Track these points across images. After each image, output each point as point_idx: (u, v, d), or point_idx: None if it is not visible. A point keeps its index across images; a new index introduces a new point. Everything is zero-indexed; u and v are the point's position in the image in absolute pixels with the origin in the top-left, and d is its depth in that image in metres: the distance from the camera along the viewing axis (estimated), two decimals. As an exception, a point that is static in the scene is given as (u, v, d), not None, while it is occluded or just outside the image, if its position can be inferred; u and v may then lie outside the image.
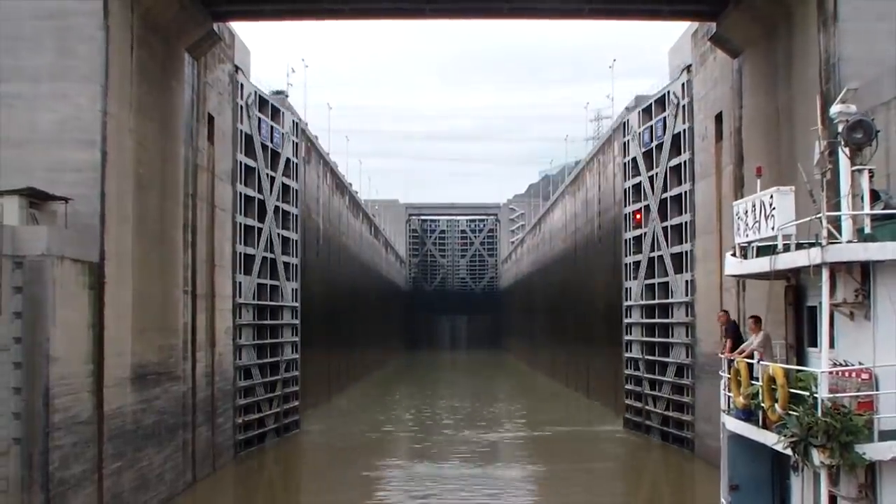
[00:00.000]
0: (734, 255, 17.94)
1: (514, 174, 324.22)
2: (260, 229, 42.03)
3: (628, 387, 48.54)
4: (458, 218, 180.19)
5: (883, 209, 15.39)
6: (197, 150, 32.88)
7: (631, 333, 48.76)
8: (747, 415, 16.71)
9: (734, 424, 17.27)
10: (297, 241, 47.51)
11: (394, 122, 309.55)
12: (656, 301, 44.82)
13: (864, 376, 13.89)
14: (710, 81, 37.05)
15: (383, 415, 57.64)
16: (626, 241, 49.10)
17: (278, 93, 50.83)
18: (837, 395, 13.85)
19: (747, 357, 17.39)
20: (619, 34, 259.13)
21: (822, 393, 13.95)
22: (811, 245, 14.90)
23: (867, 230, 14.83)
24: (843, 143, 14.95)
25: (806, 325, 16.55)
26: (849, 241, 14.44)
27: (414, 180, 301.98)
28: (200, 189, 33.39)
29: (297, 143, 48.04)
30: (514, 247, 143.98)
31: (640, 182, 46.62)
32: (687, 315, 40.71)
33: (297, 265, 47.46)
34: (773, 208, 15.80)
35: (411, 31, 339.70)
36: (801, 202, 16.16)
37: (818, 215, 14.77)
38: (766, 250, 16.44)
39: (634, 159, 47.56)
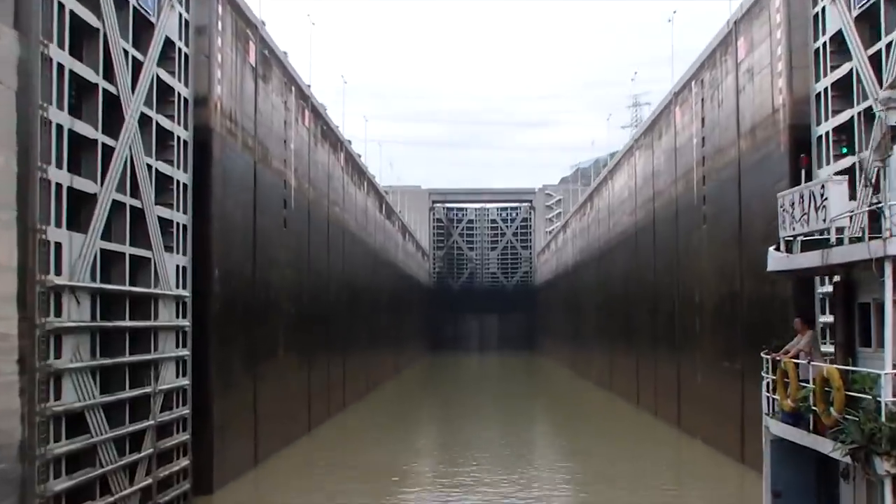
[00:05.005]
0: (777, 249, 16.98)
1: (542, 166, 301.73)
2: (110, 149, 22.14)
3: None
4: (488, 206, 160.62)
5: None
6: None
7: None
8: (795, 419, 15.84)
9: (779, 428, 16.46)
10: (186, 184, 27.54)
11: (413, 105, 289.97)
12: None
13: None
14: None
15: (379, 457, 37.82)
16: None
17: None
18: None
19: (793, 357, 16.71)
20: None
21: (886, 396, 12.95)
22: (857, 239, 14.59)
23: None
24: None
25: (857, 323, 15.47)
26: None
27: (434, 171, 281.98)
28: None
29: (187, 20, 27.81)
30: (553, 235, 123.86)
31: (853, 69, 25.36)
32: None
33: (185, 226, 27.50)
34: (825, 199, 14.71)
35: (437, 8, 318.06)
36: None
37: (878, 204, 13.55)
38: (813, 245, 15.76)
39: (840, 33, 26.27)
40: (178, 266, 26.80)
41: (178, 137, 27.04)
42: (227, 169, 31.57)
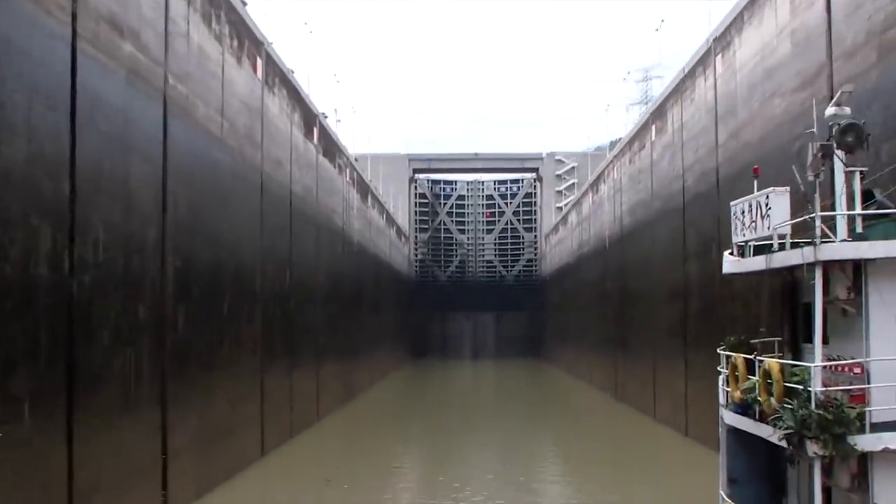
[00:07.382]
0: (731, 254, 17.86)
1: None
2: None
3: None
4: (484, 178, 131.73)
5: (876, 209, 15.31)
6: None
7: None
8: (744, 409, 16.57)
9: (732, 418, 17.14)
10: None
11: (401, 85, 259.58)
12: None
13: (857, 370, 14.12)
14: None
15: None
16: None
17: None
18: (830, 388, 13.96)
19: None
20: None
21: (816, 386, 13.95)
22: (807, 244, 14.71)
23: (859, 229, 15.08)
24: (835, 145, 15.10)
25: (801, 321, 16.60)
26: (841, 241, 14.58)
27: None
28: None
29: None
30: (572, 205, 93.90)
31: None
32: None
33: None
34: (769, 208, 15.83)
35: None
36: (796, 201, 16.00)
37: (811, 215, 14.53)
38: (763, 249, 16.46)
39: None
40: None
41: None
42: None
